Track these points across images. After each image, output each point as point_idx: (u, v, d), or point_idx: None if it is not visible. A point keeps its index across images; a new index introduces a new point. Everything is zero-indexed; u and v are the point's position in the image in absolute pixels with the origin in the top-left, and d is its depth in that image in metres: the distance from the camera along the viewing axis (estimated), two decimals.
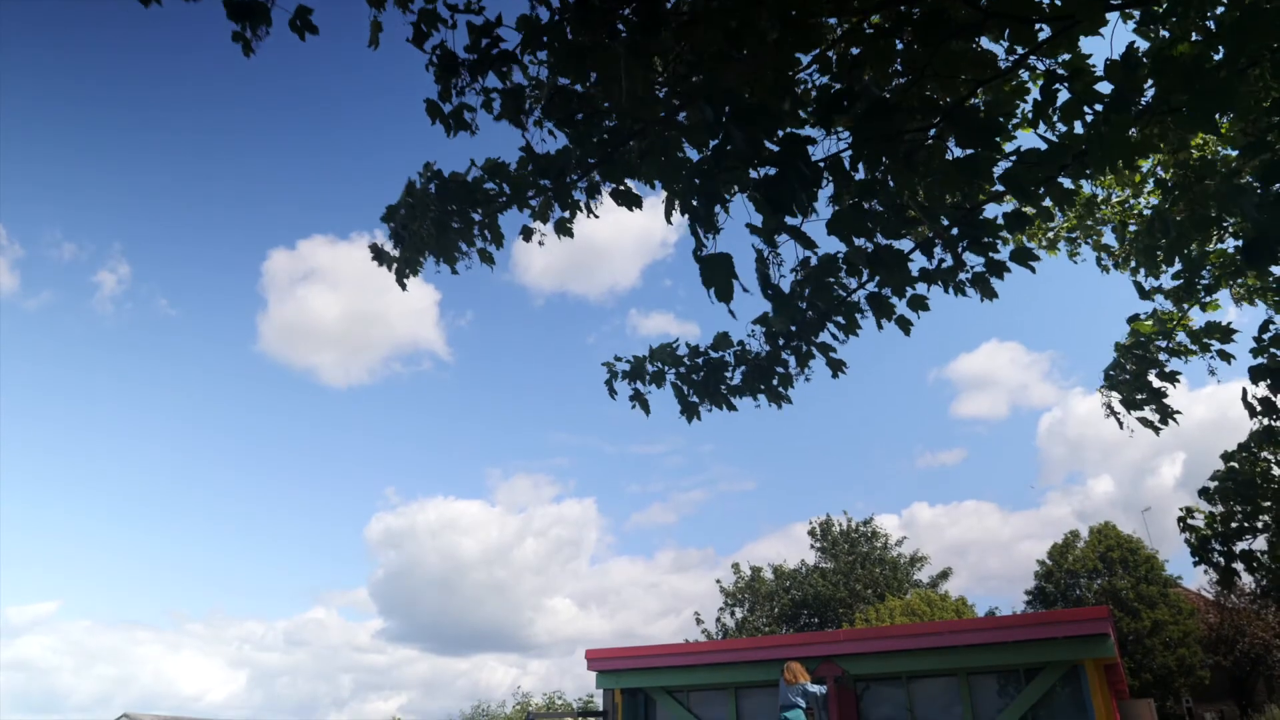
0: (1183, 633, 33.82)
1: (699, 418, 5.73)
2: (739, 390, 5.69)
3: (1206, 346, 8.55)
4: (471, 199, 4.81)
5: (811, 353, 5.58)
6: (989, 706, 11.88)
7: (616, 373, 5.76)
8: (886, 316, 5.29)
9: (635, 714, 13.88)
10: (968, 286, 5.26)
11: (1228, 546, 9.59)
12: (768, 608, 38.09)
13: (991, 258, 5.02)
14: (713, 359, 5.70)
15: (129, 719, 24.63)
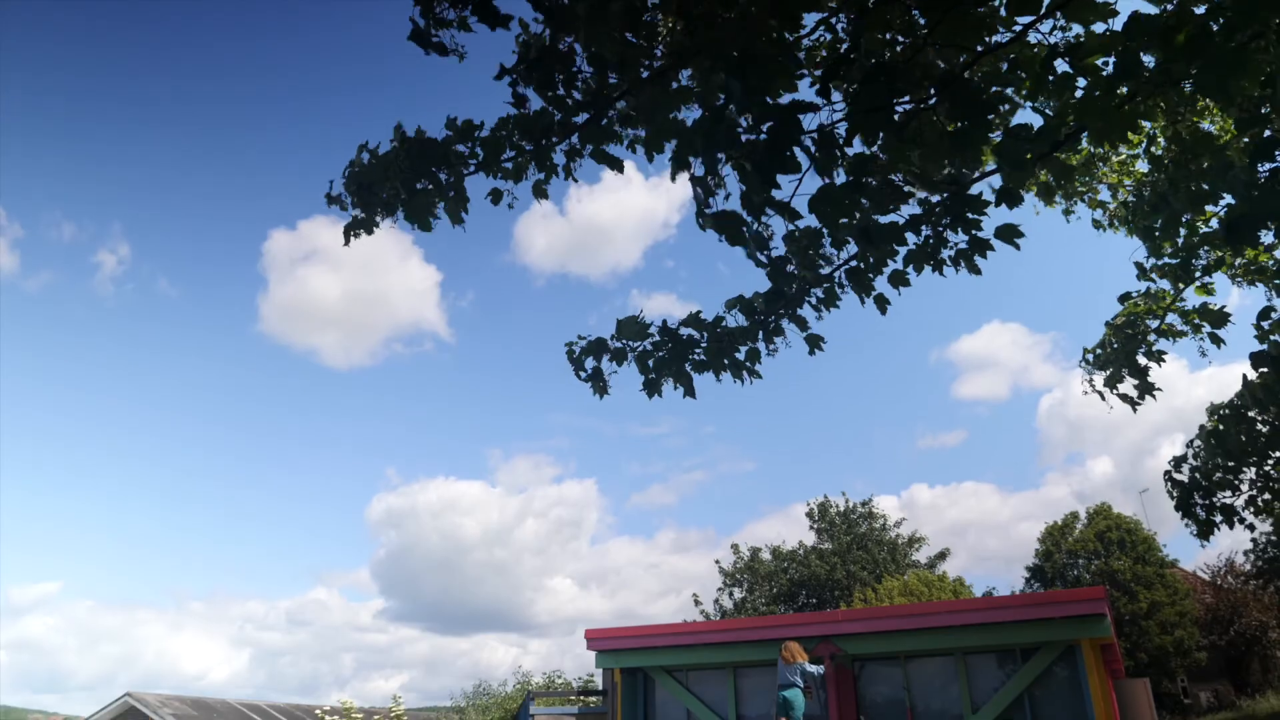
0: (1179, 613, 34.00)
1: (660, 394, 5.59)
2: (704, 365, 5.60)
3: (1198, 328, 8.54)
4: (440, 159, 4.72)
5: (780, 328, 5.51)
6: (985, 685, 11.95)
7: (574, 352, 5.62)
8: (866, 293, 5.25)
9: (634, 693, 13.96)
10: (947, 264, 5.22)
11: (1209, 499, 9.64)
12: (766, 588, 38.27)
13: (975, 235, 4.98)
14: (681, 336, 5.60)
15: (132, 698, 24.78)
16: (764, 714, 12.77)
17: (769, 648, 12.53)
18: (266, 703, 29.51)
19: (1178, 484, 9.74)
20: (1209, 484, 9.60)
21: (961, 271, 5.17)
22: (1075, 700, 11.31)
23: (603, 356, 5.55)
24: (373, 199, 4.77)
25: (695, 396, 5.58)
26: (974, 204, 4.69)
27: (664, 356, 5.50)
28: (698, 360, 5.51)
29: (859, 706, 12.31)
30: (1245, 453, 9.23)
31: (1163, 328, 8.66)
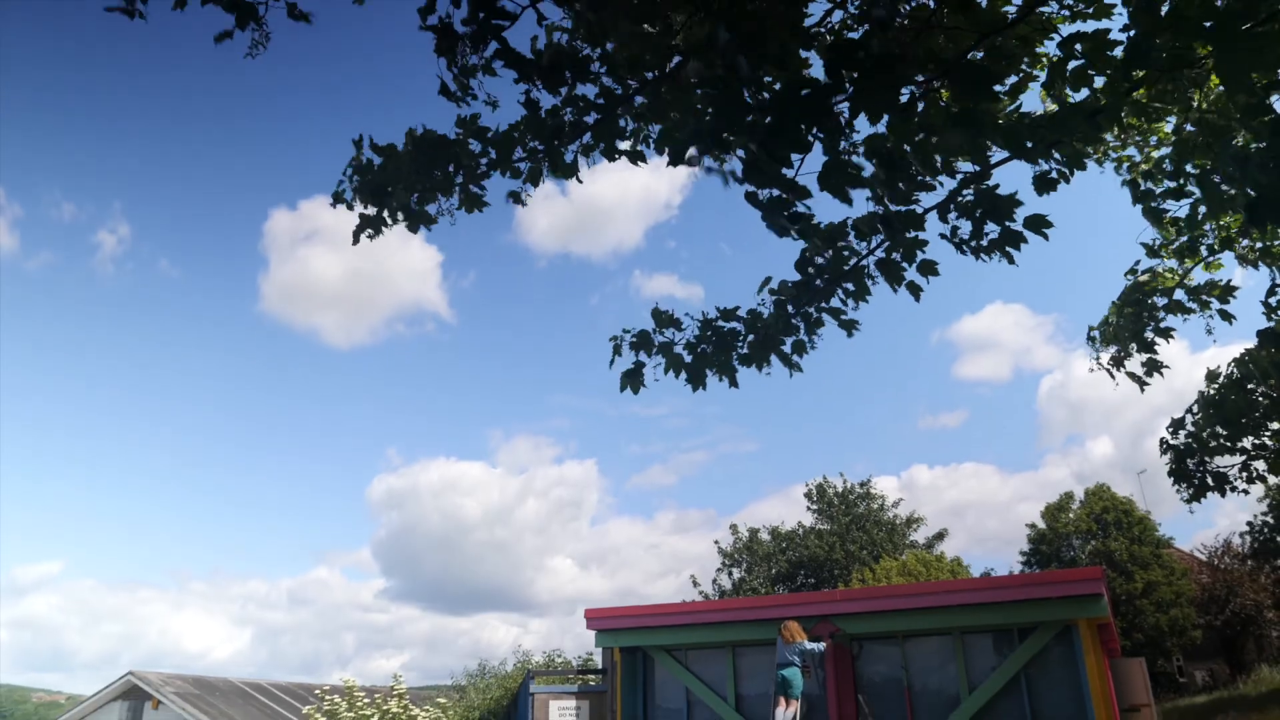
0: (1175, 593, 34.20)
1: (704, 387, 5.64)
2: (748, 359, 5.62)
3: (1205, 304, 8.53)
4: (452, 157, 4.67)
5: (821, 319, 5.54)
6: (982, 664, 12.03)
7: (621, 346, 5.59)
8: (897, 282, 5.27)
9: (634, 672, 14.06)
10: (982, 253, 5.23)
11: (1202, 466, 9.68)
12: (765, 569, 38.44)
13: (1008, 227, 4.98)
14: (723, 329, 5.61)
15: (134, 676, 24.94)
16: (763, 693, 12.86)
17: (768, 627, 12.61)
18: (268, 681, 29.70)
19: (1173, 448, 9.76)
20: (1204, 450, 9.63)
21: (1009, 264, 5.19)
22: (1071, 679, 11.40)
23: (651, 350, 5.55)
24: (384, 199, 4.72)
25: (738, 386, 5.62)
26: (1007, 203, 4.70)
27: (707, 350, 5.52)
28: (743, 354, 5.53)
29: (857, 685, 12.40)
30: (1242, 422, 9.26)
31: (1170, 304, 8.65)
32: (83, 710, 25.96)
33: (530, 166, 4.73)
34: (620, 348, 5.57)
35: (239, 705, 25.39)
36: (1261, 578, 36.25)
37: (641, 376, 5.60)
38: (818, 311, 5.48)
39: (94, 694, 25.93)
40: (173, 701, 23.85)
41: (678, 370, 5.56)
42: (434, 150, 4.60)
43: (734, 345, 5.59)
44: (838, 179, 3.89)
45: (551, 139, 4.56)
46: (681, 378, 5.59)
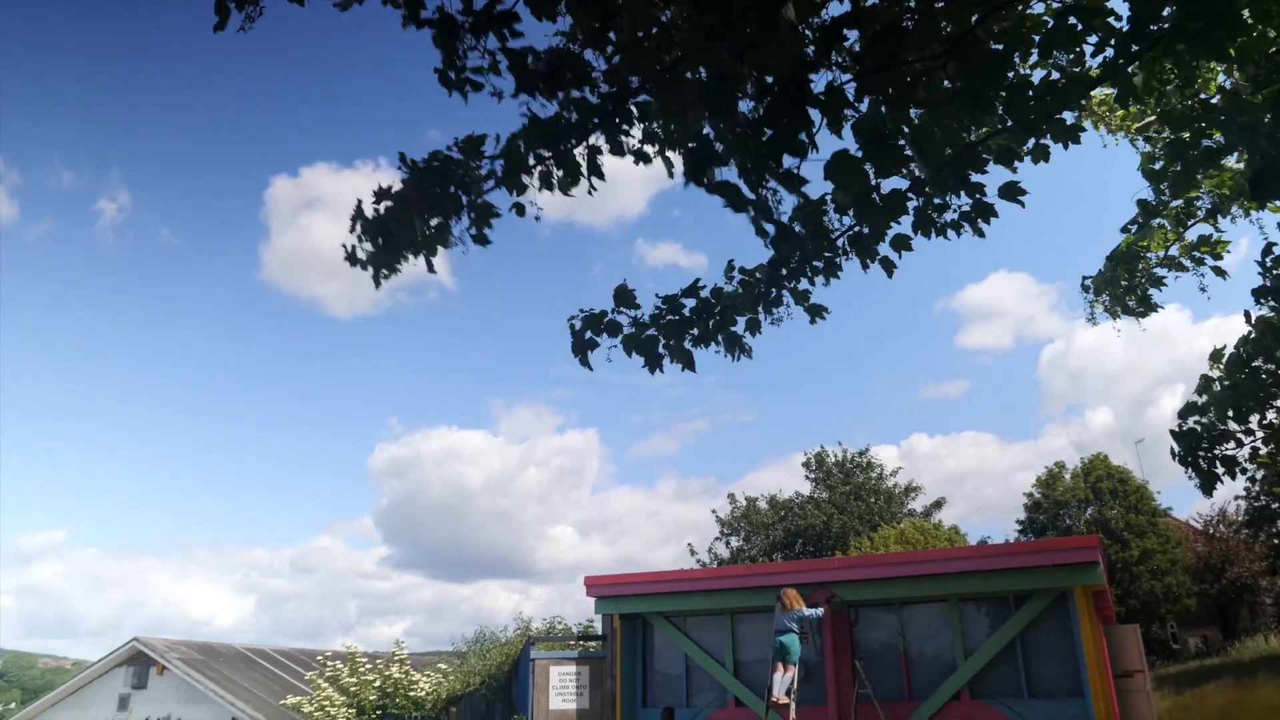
0: (1170, 561, 34.48)
1: (661, 369, 5.56)
2: (700, 340, 5.57)
3: (1199, 260, 8.55)
4: (459, 181, 4.59)
5: (781, 298, 5.49)
6: (978, 631, 12.17)
7: (578, 329, 5.54)
8: (870, 258, 5.23)
9: (633, 639, 14.21)
10: (949, 229, 5.20)
11: (1212, 451, 9.71)
12: (763, 538, 38.70)
13: (979, 199, 4.96)
14: (683, 307, 5.55)
15: (139, 643, 25.21)
16: (761, 659, 13.02)
17: (766, 594, 12.73)
18: (272, 647, 30.03)
19: (1182, 436, 9.78)
20: (1213, 435, 9.65)
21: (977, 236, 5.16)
22: (1066, 645, 11.53)
23: (600, 331, 5.49)
24: (394, 241, 4.62)
25: (695, 370, 5.58)
26: (974, 162, 4.65)
27: (664, 328, 5.47)
28: (696, 336, 5.50)
29: (854, 651, 12.55)
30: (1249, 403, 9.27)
31: (1164, 259, 8.69)
32: (89, 675, 26.27)
33: (540, 172, 4.64)
34: (578, 331, 5.53)
35: (242, 670, 25.70)
36: (1257, 546, 36.53)
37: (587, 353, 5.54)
38: (777, 291, 5.44)
39: (99, 659, 26.24)
40: (177, 667, 24.14)
41: (629, 348, 5.51)
42: (436, 178, 4.51)
43: (689, 326, 5.53)
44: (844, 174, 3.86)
45: (557, 144, 4.48)
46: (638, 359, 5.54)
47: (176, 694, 24.25)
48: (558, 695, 13.82)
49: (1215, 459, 9.61)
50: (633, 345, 5.47)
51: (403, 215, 4.51)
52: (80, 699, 25.99)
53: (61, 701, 26.34)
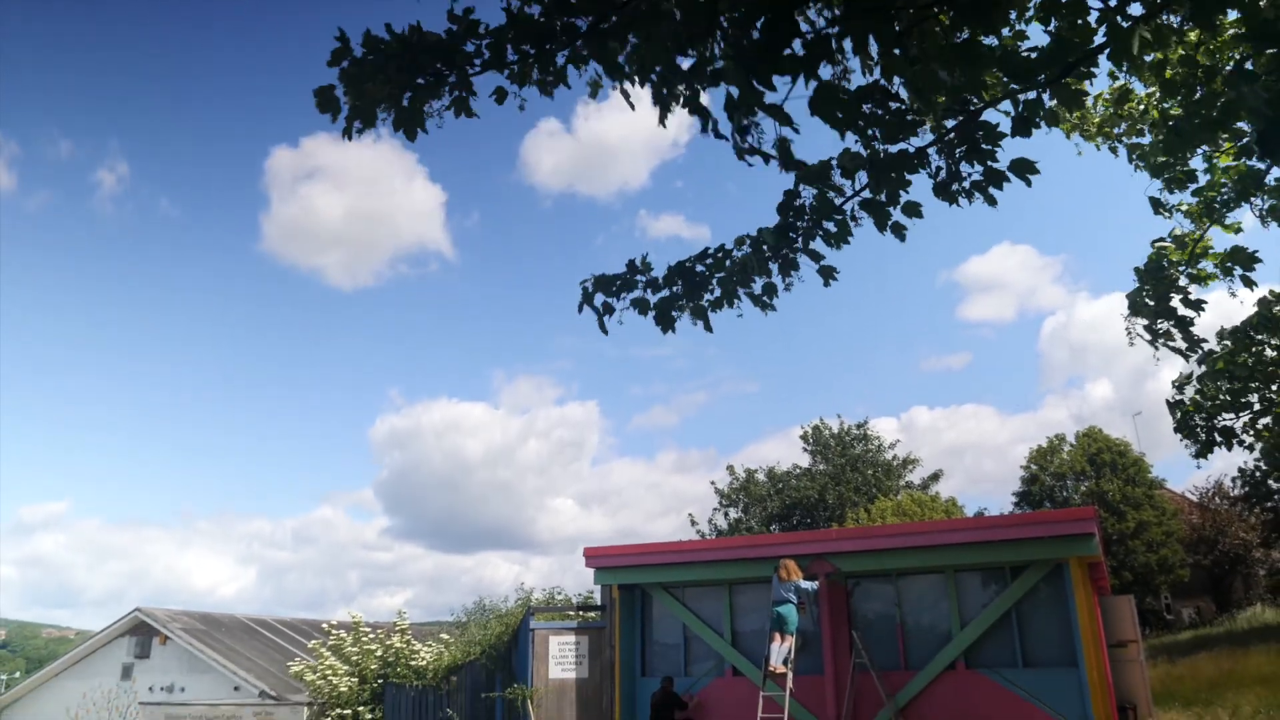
0: (1165, 533, 34.72)
1: (674, 329, 5.57)
2: (718, 302, 5.57)
3: (1229, 270, 8.47)
4: (444, 56, 4.49)
5: (796, 261, 5.46)
6: (974, 602, 12.27)
7: (590, 293, 5.54)
8: (883, 224, 5.20)
9: (632, 609, 14.33)
10: (961, 196, 5.17)
11: (1210, 421, 9.74)
12: (761, 509, 38.92)
13: (990, 166, 4.92)
14: (695, 272, 5.54)
15: (142, 613, 25.40)
16: (759, 629, 13.14)
17: (764, 565, 12.82)
18: (273, 617, 30.27)
19: (1179, 405, 9.81)
20: (1211, 405, 9.68)
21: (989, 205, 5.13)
22: (1061, 615, 11.64)
23: (613, 292, 5.49)
24: (370, 94, 4.49)
25: (712, 330, 5.59)
26: (989, 134, 4.61)
27: (677, 292, 5.47)
28: (714, 299, 5.50)
29: (851, 621, 12.66)
30: (1250, 377, 9.29)
31: (1195, 273, 8.60)
32: (92, 645, 26.50)
33: (520, 67, 4.55)
34: (590, 295, 5.52)
35: (244, 640, 25.92)
36: (1251, 518, 36.76)
37: (604, 320, 5.54)
38: (793, 253, 5.41)
39: (102, 630, 26.45)
40: (179, 637, 24.34)
41: (644, 311, 5.52)
42: (425, 50, 4.41)
43: (704, 287, 5.52)
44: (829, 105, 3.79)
45: (541, 42, 4.39)
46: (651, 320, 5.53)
47: (179, 663, 24.48)
48: (557, 665, 13.96)
49: (1214, 429, 9.63)
50: (646, 306, 5.47)
51: (380, 71, 4.38)
52: (84, 668, 26.24)
53: (66, 671, 26.60)
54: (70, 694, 26.03)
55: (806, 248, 5.33)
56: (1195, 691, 16.42)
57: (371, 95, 4.45)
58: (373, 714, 17.03)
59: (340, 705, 17.23)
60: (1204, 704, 14.99)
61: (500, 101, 4.67)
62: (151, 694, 24.01)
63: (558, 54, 4.46)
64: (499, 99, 4.66)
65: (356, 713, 17.12)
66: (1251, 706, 13.57)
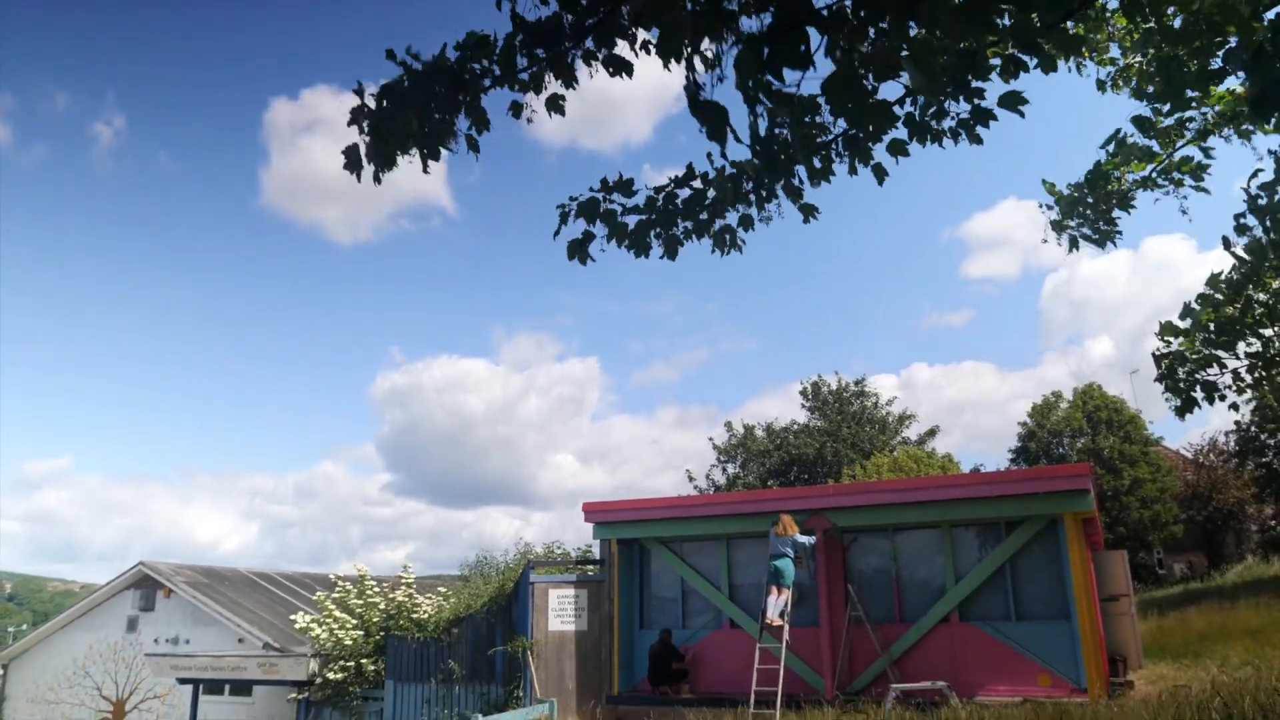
0: (1160, 490, 35.02)
1: (647, 255, 5.45)
2: (691, 233, 5.46)
3: (1179, 182, 8.44)
4: (457, 82, 4.49)
5: (774, 193, 5.34)
6: (969, 557, 12.42)
7: (568, 214, 5.34)
8: (863, 162, 5.13)
9: (631, 563, 14.50)
10: (946, 136, 5.11)
11: (1192, 375, 9.75)
12: (759, 465, 39.16)
13: (978, 105, 4.86)
14: (675, 197, 5.42)
15: (145, 567, 25.66)
16: (756, 582, 13.30)
17: (761, 520, 12.95)
18: (276, 571, 30.60)
19: (1164, 357, 9.82)
20: (1195, 359, 9.69)
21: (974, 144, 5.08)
22: (1055, 570, 11.79)
23: (595, 218, 5.36)
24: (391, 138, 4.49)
25: (674, 258, 5.48)
26: (978, 69, 4.54)
27: (652, 218, 5.34)
28: (689, 228, 5.39)
29: (847, 575, 12.82)
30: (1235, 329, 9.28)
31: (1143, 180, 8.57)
32: (97, 598, 26.82)
33: (532, 75, 4.53)
34: (567, 216, 5.36)
35: (247, 594, 26.23)
36: (1245, 475, 37.05)
37: (588, 248, 5.38)
38: (768, 191, 5.30)
39: (107, 583, 26.75)
40: (183, 590, 24.62)
41: (621, 239, 5.39)
42: (438, 77, 4.40)
43: (681, 214, 5.39)
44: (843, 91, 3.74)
45: (552, 44, 4.36)
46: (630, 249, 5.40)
47: (183, 616, 24.80)
48: (557, 617, 14.16)
49: (1195, 383, 9.65)
50: (622, 235, 5.35)
51: (402, 111, 4.41)
52: (90, 621, 26.59)
53: (72, 623, 26.95)
54: (77, 645, 26.41)
55: (786, 182, 5.22)
56: (1185, 644, 16.68)
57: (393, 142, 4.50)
58: (375, 665, 17.31)
59: (344, 657, 17.50)
60: (1193, 656, 15.23)
61: (517, 116, 4.66)
62: (157, 645, 24.37)
63: (568, 55, 4.41)
64: (515, 113, 4.64)
65: (359, 664, 17.39)
66: (1239, 658, 13.79)
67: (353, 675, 17.48)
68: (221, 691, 22.68)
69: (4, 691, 27.70)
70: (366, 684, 17.55)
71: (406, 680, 16.20)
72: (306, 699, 18.61)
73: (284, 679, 18.63)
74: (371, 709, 17.57)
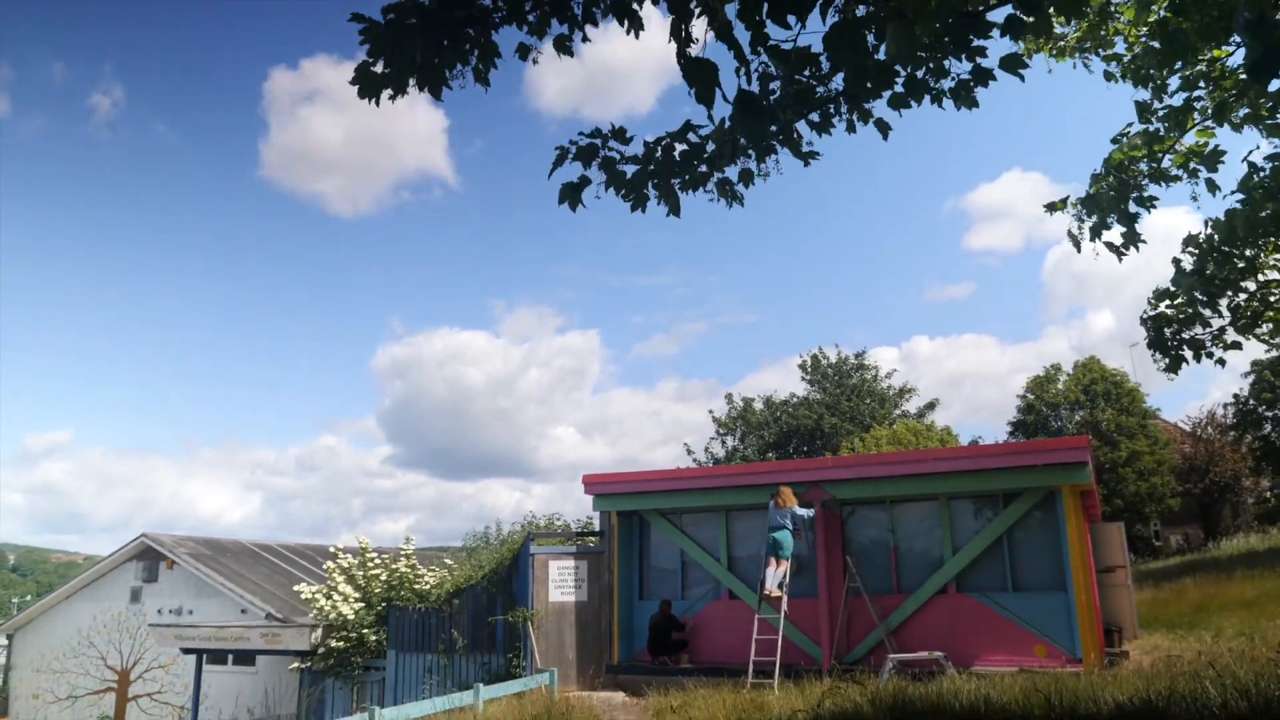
0: (1157, 462, 35.16)
1: (644, 209, 5.36)
2: (689, 184, 5.38)
3: (1194, 172, 8.39)
4: (467, 13, 4.41)
5: (774, 147, 5.22)
6: (967, 529, 12.49)
7: (566, 155, 5.21)
8: (863, 120, 5.07)
9: (630, 534, 14.59)
10: (945, 97, 5.05)
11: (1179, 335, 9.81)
12: (758, 437, 39.28)
13: (979, 64, 4.81)
14: (673, 149, 5.34)
15: (148, 538, 25.81)
16: (755, 554, 13.39)
17: (760, 493, 13.01)
18: (278, 543, 30.79)
19: (1154, 319, 9.86)
20: (1183, 318, 9.72)
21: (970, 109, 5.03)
22: (1052, 542, 11.86)
23: (592, 163, 5.25)
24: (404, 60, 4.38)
25: (679, 215, 5.39)
26: (979, 27, 4.48)
27: (650, 169, 5.25)
28: (686, 180, 5.30)
29: (845, 547, 12.90)
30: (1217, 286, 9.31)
31: (1155, 170, 8.50)
32: (101, 569, 27.00)
33: (538, 15, 4.45)
34: (564, 157, 5.22)
35: (250, 565, 26.40)
36: (1243, 448, 37.18)
37: (580, 193, 5.26)
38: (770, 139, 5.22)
39: (110, 554, 26.92)
40: (186, 561, 24.78)
41: (619, 188, 5.27)
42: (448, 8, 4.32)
43: (680, 167, 5.27)
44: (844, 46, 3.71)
45: None
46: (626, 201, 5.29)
47: (187, 587, 24.98)
48: (557, 588, 14.26)
49: (1182, 342, 9.69)
50: (620, 183, 5.27)
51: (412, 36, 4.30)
52: (94, 591, 26.79)
53: (77, 594, 27.16)
54: (81, 616, 26.64)
55: (788, 136, 5.15)
56: (1180, 615, 16.82)
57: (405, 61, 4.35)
58: (377, 636, 17.46)
59: (346, 628, 17.66)
60: (1188, 627, 15.37)
61: (524, 58, 4.56)
62: (160, 616, 24.57)
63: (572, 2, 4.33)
64: (521, 55, 4.54)
65: (361, 635, 17.55)
66: (1234, 629, 13.92)
67: (355, 645, 17.64)
68: (225, 661, 22.91)
69: (10, 661, 27.97)
70: (368, 654, 17.71)
71: (408, 650, 16.36)
72: (309, 668, 18.80)
73: (287, 649, 18.80)
74: (373, 678, 17.76)
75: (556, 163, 5.18)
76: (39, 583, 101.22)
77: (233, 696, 22.45)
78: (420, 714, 9.63)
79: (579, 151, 5.18)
